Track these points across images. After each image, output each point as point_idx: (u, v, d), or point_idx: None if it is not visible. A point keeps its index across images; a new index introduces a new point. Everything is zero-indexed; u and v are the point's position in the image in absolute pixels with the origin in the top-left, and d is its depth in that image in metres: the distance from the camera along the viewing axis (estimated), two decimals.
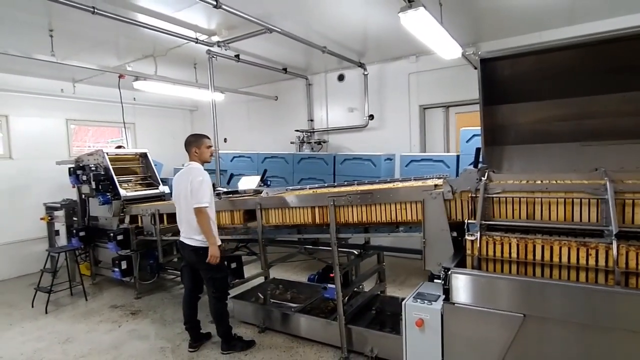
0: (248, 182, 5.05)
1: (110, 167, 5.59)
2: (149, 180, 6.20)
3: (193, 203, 3.50)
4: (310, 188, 4.10)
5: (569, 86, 3.06)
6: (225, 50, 5.23)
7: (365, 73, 6.74)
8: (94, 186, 5.42)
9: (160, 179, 6.26)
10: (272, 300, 4.75)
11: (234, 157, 6.93)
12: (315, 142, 7.26)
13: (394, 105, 6.66)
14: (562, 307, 2.04)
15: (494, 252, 2.34)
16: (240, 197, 4.26)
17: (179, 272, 5.58)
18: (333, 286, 3.51)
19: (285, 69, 6.94)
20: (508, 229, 2.42)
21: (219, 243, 3.64)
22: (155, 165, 6.31)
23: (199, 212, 3.47)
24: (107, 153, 5.70)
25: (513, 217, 2.51)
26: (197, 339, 3.90)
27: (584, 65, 2.92)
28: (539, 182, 2.55)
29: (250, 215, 4.13)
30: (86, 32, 4.89)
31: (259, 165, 6.28)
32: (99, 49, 5.65)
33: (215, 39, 5.03)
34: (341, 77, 7.29)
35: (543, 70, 3.10)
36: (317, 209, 3.55)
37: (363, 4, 4.28)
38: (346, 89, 7.24)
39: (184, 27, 4.81)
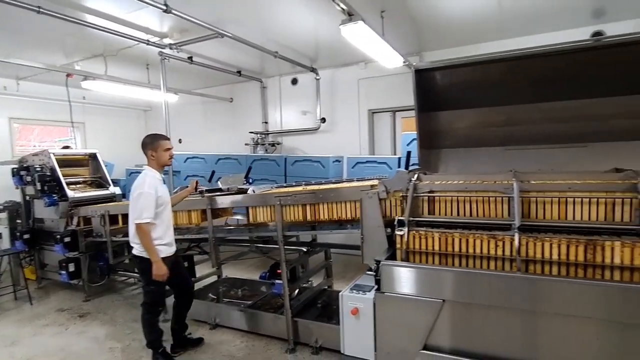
0: (230, 181, 4.98)
1: (57, 167, 5.44)
2: (99, 181, 6.08)
3: (132, 217, 3.33)
4: (294, 186, 4.21)
5: (497, 96, 3.41)
6: (178, 52, 5.27)
7: (318, 78, 6.97)
8: (39, 187, 5.25)
9: (112, 180, 6.16)
10: (225, 299, 4.84)
11: (187, 158, 6.92)
12: (269, 144, 7.40)
13: (345, 109, 6.95)
14: (474, 292, 2.33)
15: (420, 245, 2.61)
16: (217, 195, 4.24)
17: (132, 273, 5.54)
18: (281, 282, 3.69)
19: (239, 72, 7.03)
20: (433, 225, 2.70)
21: (168, 253, 3.45)
22: (105, 165, 6.19)
23: (138, 228, 3.25)
24: (53, 153, 5.54)
25: (439, 214, 2.80)
26: (179, 344, 3.76)
27: (510, 77, 3.25)
28: (461, 182, 2.84)
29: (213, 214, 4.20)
30: (31, 29, 4.76)
31: (212, 166, 6.33)
32: (45, 47, 5.49)
33: (167, 41, 5.06)
34: (295, 81, 7.49)
35: (475, 81, 3.44)
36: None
37: (311, 13, 4.49)
38: (299, 93, 7.45)
39: (134, 28, 4.81)
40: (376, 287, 2.59)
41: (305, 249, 4.25)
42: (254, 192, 3.99)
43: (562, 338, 2.12)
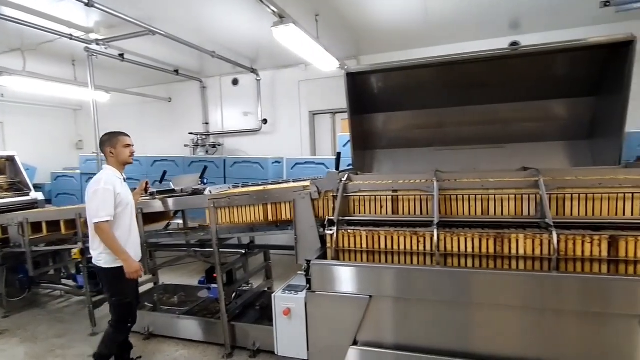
0: (183, 181, 4.69)
1: None
2: (18, 186, 5.59)
3: (89, 218, 3.04)
4: (250, 186, 4.07)
5: (426, 99, 3.59)
6: (106, 48, 4.99)
7: (258, 79, 6.94)
8: None
9: (34, 184, 5.68)
10: (162, 306, 4.66)
11: None
12: (210, 145, 7.24)
13: (286, 111, 6.98)
14: (398, 286, 2.44)
15: (349, 244, 2.68)
16: (170, 197, 4.01)
17: (58, 285, 5.16)
18: (217, 286, 3.62)
19: (177, 71, 6.81)
20: (362, 223, 2.79)
21: (138, 258, 3.23)
22: (27, 169, 5.71)
23: (97, 228, 2.98)
24: None
25: (368, 213, 2.89)
26: None
27: (438, 82, 3.43)
28: (388, 182, 2.96)
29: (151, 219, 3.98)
30: None
31: (148, 168, 6.07)
32: None
33: (93, 36, 4.77)
34: (235, 82, 7.39)
35: (405, 85, 3.58)
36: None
37: (246, 14, 4.46)
38: (241, 93, 7.36)
39: (55, 22, 4.48)
40: (308, 286, 2.64)
41: (243, 251, 4.21)
42: (210, 192, 3.78)
43: (482, 326, 2.28)
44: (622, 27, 4.85)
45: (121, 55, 5.57)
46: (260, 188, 3.52)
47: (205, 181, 4.82)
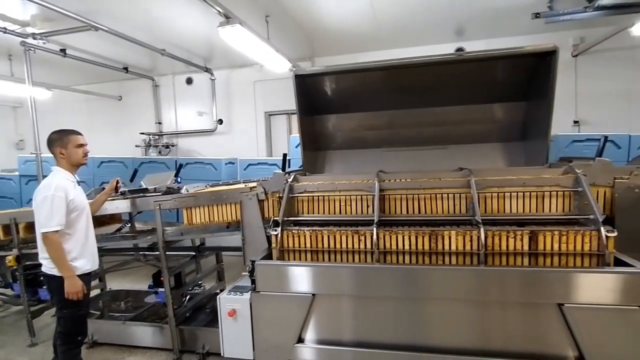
0: (156, 180, 4.34)
1: None
2: None
3: (38, 226, 2.82)
4: (231, 184, 3.91)
5: (376, 101, 3.68)
6: (44, 43, 4.74)
7: (213, 78, 6.84)
8: None
9: None
10: (109, 313, 4.49)
11: None
12: (163, 146, 7.05)
13: (242, 111, 6.93)
14: (339, 284, 2.50)
15: (293, 244, 2.71)
16: (141, 196, 3.77)
17: None
18: (164, 290, 3.55)
19: (126, 69, 6.57)
20: (307, 224, 2.83)
21: (85, 269, 2.95)
22: None
23: (45, 238, 2.75)
24: None
25: (313, 213, 2.94)
26: None
27: (387, 85, 3.52)
28: (333, 182, 3.02)
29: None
30: None
31: (94, 170, 5.82)
32: None
33: (29, 30, 4.51)
34: (189, 81, 7.24)
35: (355, 87, 3.66)
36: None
37: (193, 13, 4.39)
38: (195, 93, 7.22)
39: None
40: (253, 287, 2.65)
41: (193, 254, 4.14)
42: (187, 191, 3.59)
43: (420, 319, 2.39)
44: (554, 37, 5.26)
45: (63, 50, 5.31)
46: (214, 189, 3.48)
47: (179, 180, 4.67)
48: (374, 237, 2.51)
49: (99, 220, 3.95)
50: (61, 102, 7.20)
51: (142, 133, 7.20)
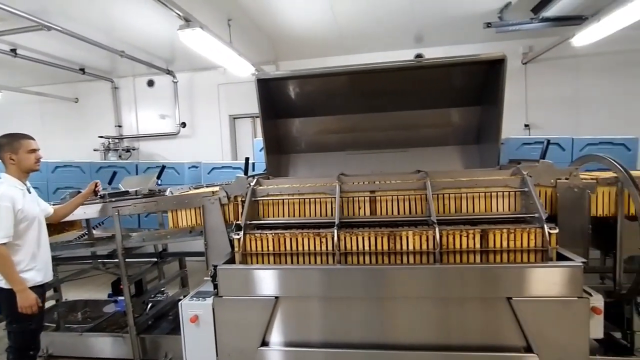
0: (135, 182, 4.16)
1: None
2: None
3: None
4: (215, 185, 3.78)
5: (339, 105, 3.75)
6: None
7: (175, 81, 6.72)
8: None
9: None
10: (66, 325, 4.30)
11: None
12: (123, 150, 6.84)
13: (205, 114, 6.84)
14: (302, 286, 2.54)
15: (256, 247, 2.72)
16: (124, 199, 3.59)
17: None
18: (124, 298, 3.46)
19: (83, 70, 6.33)
20: (270, 227, 2.85)
21: (37, 281, 2.79)
22: None
23: None
24: None
25: (276, 216, 2.96)
26: None
27: (350, 89, 3.61)
28: (295, 185, 3.05)
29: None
30: None
31: (48, 175, 5.55)
32: None
33: None
34: (151, 83, 7.07)
35: (319, 91, 3.72)
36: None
37: (153, 15, 4.31)
38: (157, 95, 7.06)
39: None
40: (215, 291, 2.64)
41: (155, 260, 4.06)
42: (172, 193, 3.43)
43: (381, 318, 2.46)
44: (506, 45, 5.54)
45: (13, 50, 5.06)
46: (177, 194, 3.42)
47: (159, 182, 4.48)
48: (335, 238, 2.57)
49: (58, 228, 3.80)
50: (11, 104, 6.84)
51: (101, 136, 6.95)
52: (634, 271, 2.54)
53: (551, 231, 2.33)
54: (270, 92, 3.64)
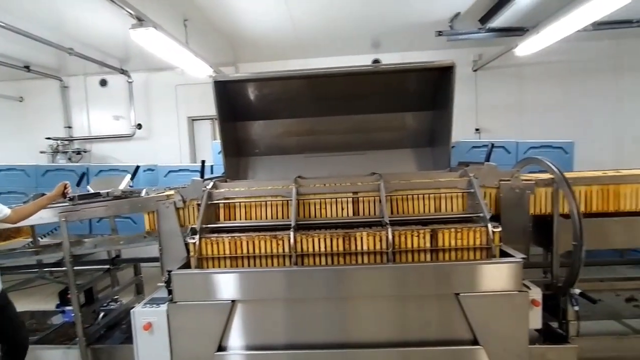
0: (105, 184, 3.90)
1: None
2: None
3: None
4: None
5: (299, 109, 3.77)
6: None
7: (130, 81, 6.50)
8: None
9: None
10: None
11: None
12: (74, 152, 6.51)
13: (163, 116, 6.66)
14: (258, 289, 2.55)
15: (212, 251, 2.70)
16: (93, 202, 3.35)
17: None
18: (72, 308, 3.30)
19: (27, 67, 5.98)
20: (227, 230, 2.83)
21: None
22: None
23: None
24: None
25: (234, 219, 2.95)
26: None
27: (309, 93, 3.65)
28: (252, 188, 3.05)
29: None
30: None
31: None
32: None
33: None
34: (104, 82, 6.79)
35: (278, 94, 3.72)
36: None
37: (104, 13, 4.15)
38: (110, 95, 6.79)
39: None
40: (170, 297, 2.59)
41: (108, 267, 3.90)
42: (148, 194, 3.32)
43: (339, 317, 2.52)
44: (458, 53, 5.82)
45: None
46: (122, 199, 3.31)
47: (132, 185, 4.16)
48: (292, 240, 2.60)
49: (3, 235, 3.56)
50: None
51: (49, 138, 6.58)
52: (569, 265, 2.74)
53: (494, 230, 2.47)
54: (228, 94, 3.60)
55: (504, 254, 2.51)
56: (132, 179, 4.25)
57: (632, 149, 6.17)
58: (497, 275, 2.37)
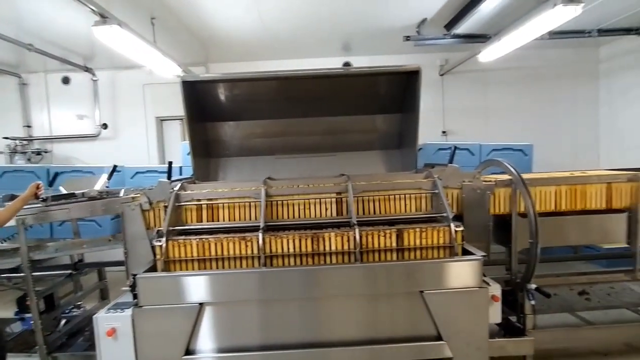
0: (79, 184, 3.77)
1: None
2: None
3: None
4: None
5: (269, 110, 3.77)
6: None
7: (95, 79, 6.29)
8: None
9: None
10: None
11: None
12: (33, 152, 6.23)
13: (130, 115, 6.49)
14: (227, 291, 2.53)
15: (179, 254, 2.66)
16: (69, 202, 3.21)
17: None
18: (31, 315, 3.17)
19: None
20: (195, 232, 2.80)
21: None
22: None
23: None
24: None
25: (203, 221, 2.92)
26: None
27: (279, 95, 3.64)
28: (221, 190, 3.03)
29: None
30: None
31: None
32: None
33: None
34: (66, 80, 6.53)
35: (249, 95, 3.70)
36: None
37: (68, 8, 4.00)
38: (74, 94, 6.54)
39: None
40: (135, 302, 2.53)
41: (70, 272, 3.77)
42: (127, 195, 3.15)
43: (308, 317, 2.54)
44: (426, 57, 5.99)
45: None
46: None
47: (108, 186, 4.01)
48: (260, 242, 2.60)
49: None
50: None
51: (6, 138, 6.27)
52: (526, 262, 2.88)
53: (457, 229, 2.57)
54: (197, 94, 3.56)
55: (466, 252, 2.61)
56: (109, 179, 4.13)
57: (585, 153, 6.56)
58: (459, 273, 2.47)
